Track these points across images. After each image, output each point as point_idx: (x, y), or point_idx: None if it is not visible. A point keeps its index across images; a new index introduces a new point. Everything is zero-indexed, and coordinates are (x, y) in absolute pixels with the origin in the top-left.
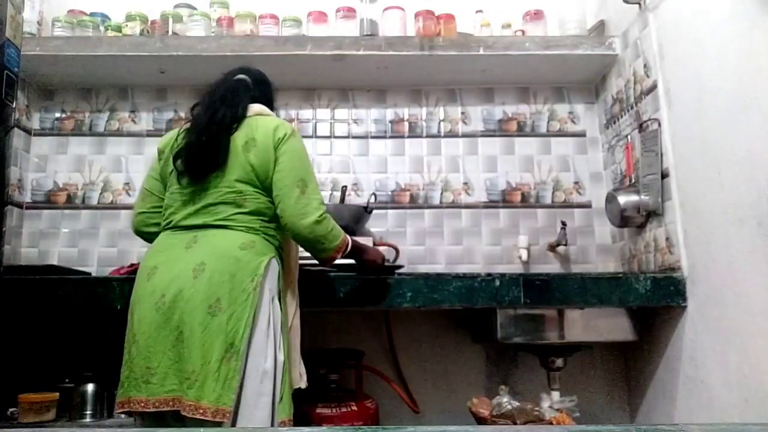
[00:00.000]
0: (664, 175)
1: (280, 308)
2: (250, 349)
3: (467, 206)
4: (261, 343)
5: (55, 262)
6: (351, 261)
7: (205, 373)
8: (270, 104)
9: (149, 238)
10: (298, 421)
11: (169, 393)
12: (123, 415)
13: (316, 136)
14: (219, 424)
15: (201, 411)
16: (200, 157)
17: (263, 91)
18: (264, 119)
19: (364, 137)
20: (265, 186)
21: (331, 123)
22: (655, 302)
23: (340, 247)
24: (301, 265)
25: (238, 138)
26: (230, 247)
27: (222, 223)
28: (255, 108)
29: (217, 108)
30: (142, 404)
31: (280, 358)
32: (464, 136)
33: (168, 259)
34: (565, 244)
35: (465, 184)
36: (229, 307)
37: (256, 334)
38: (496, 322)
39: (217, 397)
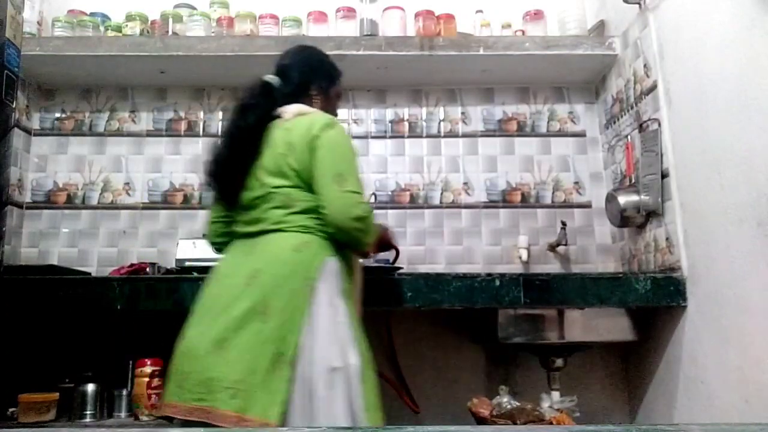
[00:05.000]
0: (664, 175)
1: (347, 309)
2: (304, 356)
3: (467, 206)
4: (319, 349)
5: (55, 262)
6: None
7: (252, 383)
8: (307, 92)
9: (220, 248)
10: None
11: (196, 402)
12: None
13: None
14: None
15: (246, 423)
16: (226, 186)
17: (301, 80)
18: (302, 120)
19: (364, 137)
20: (311, 184)
21: None
22: (655, 302)
23: (374, 241)
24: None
25: (278, 147)
26: (283, 250)
27: (275, 226)
28: (291, 110)
29: (235, 126)
30: (175, 410)
31: (352, 360)
32: (464, 136)
33: (226, 268)
34: (565, 244)
35: (465, 184)
36: (280, 313)
37: (310, 341)
38: (496, 322)
39: (264, 410)
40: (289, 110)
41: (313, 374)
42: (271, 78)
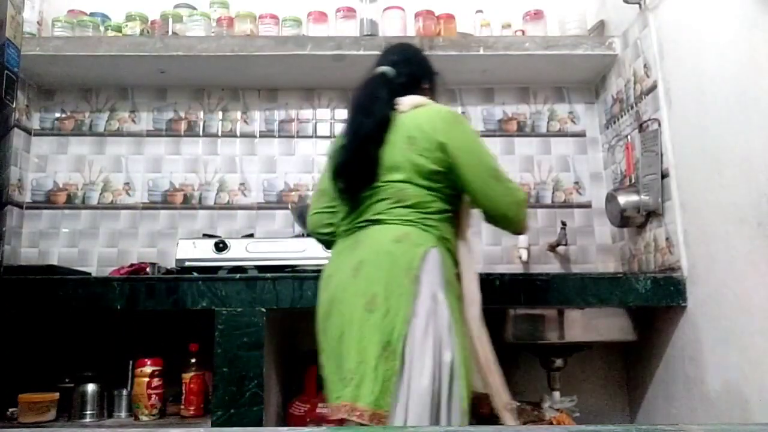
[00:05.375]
0: (664, 175)
1: (449, 304)
2: (408, 348)
3: None
4: (419, 342)
5: (55, 262)
6: None
7: (362, 373)
8: (419, 85)
9: (324, 239)
10: (297, 421)
11: (338, 400)
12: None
13: (316, 136)
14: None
15: (357, 413)
16: (353, 176)
17: (412, 73)
18: (422, 111)
19: None
20: (428, 178)
21: (331, 123)
22: (655, 302)
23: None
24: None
25: (397, 140)
26: (384, 241)
27: (377, 217)
28: (408, 101)
29: (359, 121)
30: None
31: (446, 358)
32: None
33: (338, 265)
34: (565, 244)
35: None
36: (385, 303)
37: (415, 332)
38: (495, 322)
39: (375, 400)
40: (405, 102)
41: (412, 368)
42: (387, 69)
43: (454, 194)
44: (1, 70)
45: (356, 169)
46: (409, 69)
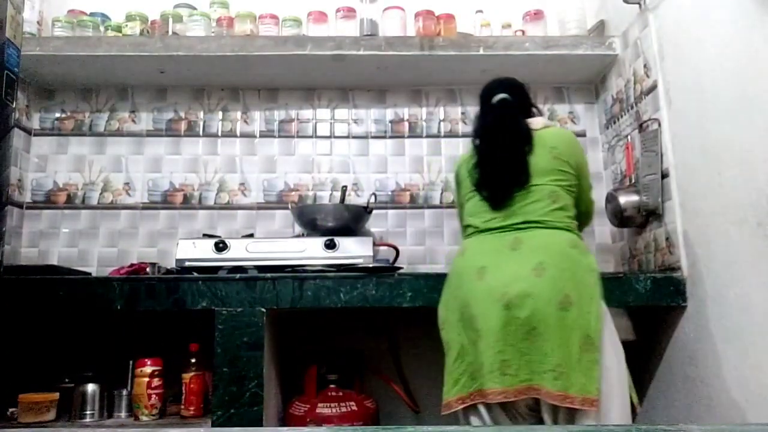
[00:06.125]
0: (664, 175)
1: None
2: (602, 341)
3: None
4: (608, 336)
5: (55, 262)
6: (357, 261)
7: (570, 366)
8: (533, 109)
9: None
10: (297, 421)
11: (524, 383)
12: (462, 410)
13: (316, 136)
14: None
15: (569, 400)
16: (507, 179)
17: (526, 100)
18: (554, 130)
19: (364, 137)
20: (568, 185)
21: (331, 123)
22: (655, 302)
23: None
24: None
25: (541, 151)
26: (563, 246)
27: (537, 219)
28: (538, 121)
29: (503, 134)
30: (502, 395)
31: (620, 346)
32: (464, 136)
33: (497, 261)
34: None
35: None
36: (578, 302)
37: (605, 327)
38: None
39: (582, 387)
40: (536, 121)
41: (606, 357)
42: (507, 96)
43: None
44: (1, 70)
45: (511, 172)
46: (521, 98)
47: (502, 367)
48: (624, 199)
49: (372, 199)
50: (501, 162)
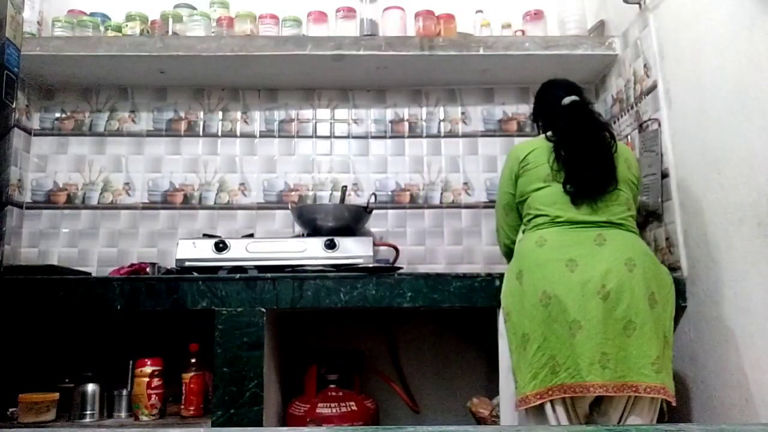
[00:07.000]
0: (664, 175)
1: None
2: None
3: (467, 206)
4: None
5: (55, 262)
6: (357, 261)
7: (664, 360)
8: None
9: (510, 252)
10: (297, 421)
11: (620, 379)
12: (549, 404)
13: (316, 136)
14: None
15: (665, 393)
16: (597, 186)
17: (592, 106)
18: (621, 143)
19: (364, 137)
20: (634, 197)
21: (331, 123)
22: None
23: None
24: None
25: (619, 161)
26: (644, 247)
27: (618, 221)
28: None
29: (596, 141)
30: (603, 388)
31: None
32: (464, 136)
33: (586, 253)
34: None
35: (465, 184)
36: (661, 300)
37: (674, 326)
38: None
39: (670, 381)
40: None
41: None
42: (576, 98)
43: None
44: (1, 70)
45: (604, 175)
46: (590, 103)
47: (602, 360)
48: None
49: (372, 199)
50: (594, 162)
